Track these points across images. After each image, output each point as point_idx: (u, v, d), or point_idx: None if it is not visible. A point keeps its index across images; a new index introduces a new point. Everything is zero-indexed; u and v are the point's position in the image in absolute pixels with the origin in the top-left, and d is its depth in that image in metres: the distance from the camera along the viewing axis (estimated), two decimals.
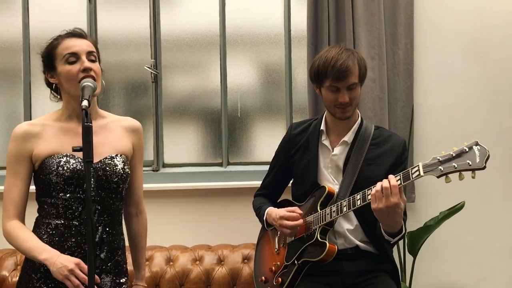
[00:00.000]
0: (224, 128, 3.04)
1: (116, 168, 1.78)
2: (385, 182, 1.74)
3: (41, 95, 2.95)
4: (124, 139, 1.88)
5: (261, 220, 2.15)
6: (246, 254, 2.70)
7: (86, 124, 1.49)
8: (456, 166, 1.59)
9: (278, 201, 2.25)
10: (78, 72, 1.72)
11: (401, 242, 2.65)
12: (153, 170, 3.03)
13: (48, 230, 1.74)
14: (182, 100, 3.08)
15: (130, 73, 3.07)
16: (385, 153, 2.00)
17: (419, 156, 2.86)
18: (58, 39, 1.79)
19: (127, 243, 1.97)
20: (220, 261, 2.71)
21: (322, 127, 2.06)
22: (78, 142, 1.55)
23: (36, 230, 1.77)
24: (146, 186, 2.88)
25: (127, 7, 3.08)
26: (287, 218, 1.97)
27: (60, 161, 1.72)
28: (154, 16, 3.02)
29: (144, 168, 2.99)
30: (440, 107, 2.92)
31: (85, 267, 1.58)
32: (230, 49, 3.05)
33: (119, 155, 1.82)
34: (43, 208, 1.78)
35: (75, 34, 1.80)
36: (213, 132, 3.08)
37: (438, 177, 1.63)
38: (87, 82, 1.64)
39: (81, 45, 1.77)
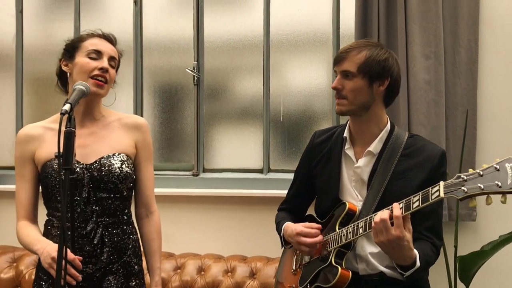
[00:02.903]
0: (265, 133, 2.89)
1: (112, 168, 1.75)
2: (384, 213, 1.50)
3: None
4: (125, 138, 1.83)
5: (279, 237, 1.97)
6: None
7: (67, 129, 1.42)
8: (482, 187, 1.31)
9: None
10: (94, 69, 1.73)
11: (451, 267, 2.32)
12: (193, 175, 2.95)
13: (55, 233, 1.74)
14: (226, 103, 2.97)
15: (174, 75, 3.02)
16: (417, 166, 1.72)
17: None
18: (90, 35, 1.82)
19: None
20: (253, 274, 2.57)
21: (346, 134, 1.83)
22: (76, 144, 1.50)
23: (46, 233, 1.78)
24: (185, 191, 2.87)
25: (172, 10, 3.04)
26: (305, 235, 1.77)
27: (55, 163, 1.70)
28: (198, 18, 2.94)
29: (184, 173, 2.97)
30: (507, 112, 2.53)
31: (71, 255, 1.54)
32: (274, 50, 2.89)
33: (117, 154, 1.78)
34: (49, 212, 1.80)
35: (106, 37, 1.83)
36: (255, 137, 2.94)
37: (460, 199, 1.36)
38: (80, 86, 1.58)
39: (108, 48, 1.80)
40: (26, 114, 3.12)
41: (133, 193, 1.88)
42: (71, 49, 1.80)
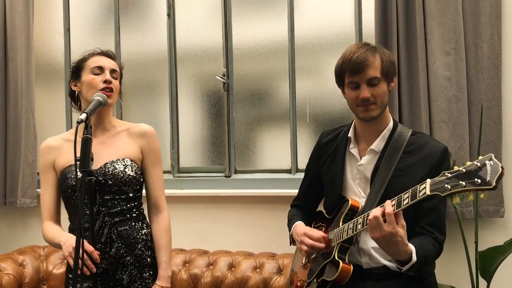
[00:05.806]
0: (292, 134, 2.98)
1: (115, 172, 1.90)
2: (376, 210, 1.56)
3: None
4: (130, 145, 1.99)
5: (289, 234, 2.06)
6: None
7: (85, 136, 1.60)
8: (463, 184, 1.36)
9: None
10: (99, 83, 1.91)
11: (473, 263, 2.31)
12: (226, 176, 3.10)
13: (75, 233, 1.91)
14: (255, 107, 3.10)
15: (205, 82, 3.19)
16: (418, 163, 1.76)
17: (509, 165, 2.46)
18: (91, 54, 2.01)
19: None
20: (280, 270, 2.66)
21: (350, 134, 1.90)
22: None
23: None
24: (218, 191, 3.02)
25: (202, 21, 3.20)
26: (309, 236, 1.85)
27: (73, 169, 1.89)
28: (226, 27, 3.08)
29: (218, 174, 3.13)
30: None
31: (90, 248, 1.73)
32: (299, 54, 2.98)
33: (121, 159, 1.94)
34: (69, 212, 1.99)
35: (106, 54, 2.03)
36: (283, 138, 3.03)
37: (444, 196, 1.41)
38: (98, 97, 1.77)
39: (108, 63, 1.98)
40: (75, 123, 3.39)
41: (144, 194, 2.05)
42: (76, 70, 2.00)
